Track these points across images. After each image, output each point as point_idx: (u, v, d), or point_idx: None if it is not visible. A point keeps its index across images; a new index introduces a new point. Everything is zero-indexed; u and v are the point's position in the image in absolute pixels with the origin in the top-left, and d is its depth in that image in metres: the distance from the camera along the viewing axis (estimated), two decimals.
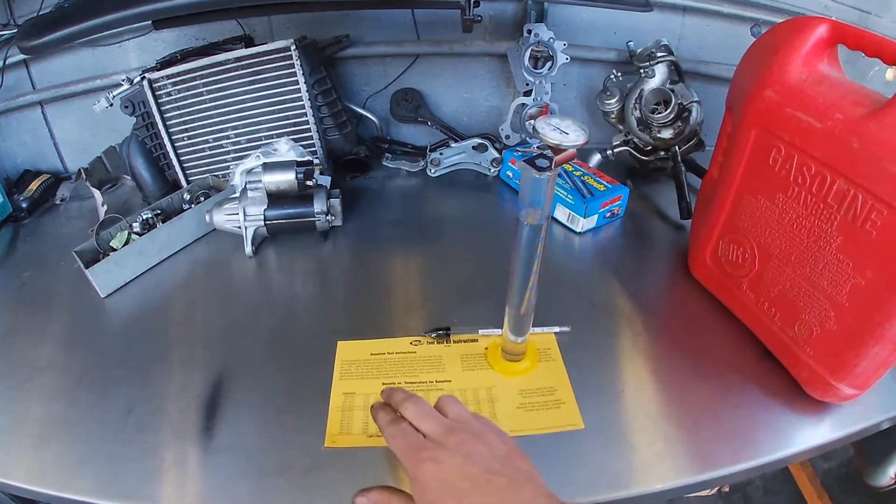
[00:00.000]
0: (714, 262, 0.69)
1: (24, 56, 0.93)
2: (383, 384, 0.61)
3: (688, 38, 0.98)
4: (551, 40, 0.93)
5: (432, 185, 0.99)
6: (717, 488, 1.30)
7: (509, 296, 0.56)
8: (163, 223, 0.80)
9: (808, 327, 0.56)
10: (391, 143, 1.07)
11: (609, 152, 0.96)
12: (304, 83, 0.87)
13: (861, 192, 0.48)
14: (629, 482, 0.51)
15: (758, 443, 0.54)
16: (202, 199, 0.87)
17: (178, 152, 0.92)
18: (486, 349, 0.64)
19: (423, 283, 0.76)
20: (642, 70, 0.89)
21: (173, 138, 0.90)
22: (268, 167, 0.79)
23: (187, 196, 0.87)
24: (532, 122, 1.00)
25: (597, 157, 0.98)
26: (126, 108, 0.87)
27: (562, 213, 0.85)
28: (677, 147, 0.89)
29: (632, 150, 0.95)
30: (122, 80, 0.86)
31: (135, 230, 0.80)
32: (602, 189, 0.84)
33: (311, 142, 0.92)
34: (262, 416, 0.57)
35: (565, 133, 0.45)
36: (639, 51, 0.90)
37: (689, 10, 0.96)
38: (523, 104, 1.00)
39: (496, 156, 0.98)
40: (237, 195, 0.81)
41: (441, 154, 1.00)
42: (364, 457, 0.53)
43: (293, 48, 0.85)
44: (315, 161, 0.83)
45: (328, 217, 0.81)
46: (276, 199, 0.80)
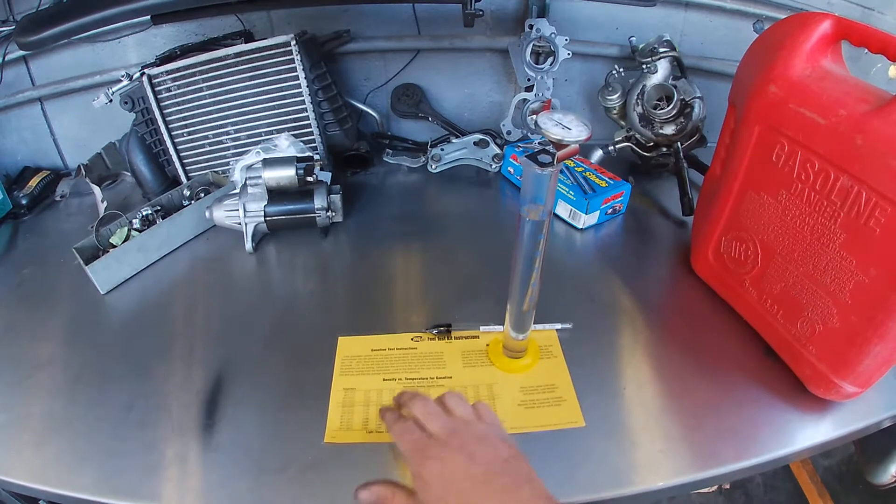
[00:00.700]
0: (716, 259, 0.69)
1: (23, 52, 0.93)
2: (384, 380, 0.60)
3: (690, 33, 0.97)
4: (553, 35, 0.93)
5: (433, 181, 0.99)
6: (718, 486, 1.30)
7: (511, 292, 0.56)
8: (163, 219, 0.80)
9: (810, 325, 0.56)
10: (392, 138, 1.06)
11: (611, 148, 0.96)
12: (305, 78, 0.87)
13: (865, 189, 0.48)
14: (631, 480, 0.51)
15: (760, 440, 0.54)
16: (202, 195, 0.87)
17: (178, 148, 0.91)
18: (488, 346, 0.64)
19: (423, 279, 0.76)
20: (644, 66, 0.88)
21: (173, 134, 0.90)
22: (268, 163, 0.78)
23: (187, 192, 0.87)
24: (534, 117, 1.00)
25: (598, 154, 0.98)
26: (125, 104, 0.86)
27: (563, 210, 0.85)
28: (679, 143, 0.88)
29: (634, 147, 0.94)
30: (122, 76, 0.85)
31: (135, 226, 0.80)
32: (604, 185, 0.84)
33: (312, 137, 0.91)
34: (262, 412, 0.57)
35: (567, 128, 0.44)
36: (641, 46, 0.90)
37: (692, 6, 0.95)
38: (525, 100, 0.99)
39: (497, 151, 0.98)
40: (237, 191, 0.81)
41: (442, 150, 0.99)
42: (364, 452, 0.53)
43: (293, 43, 0.84)
44: (315, 157, 0.83)
45: (329, 213, 0.81)
46: (276, 195, 0.80)
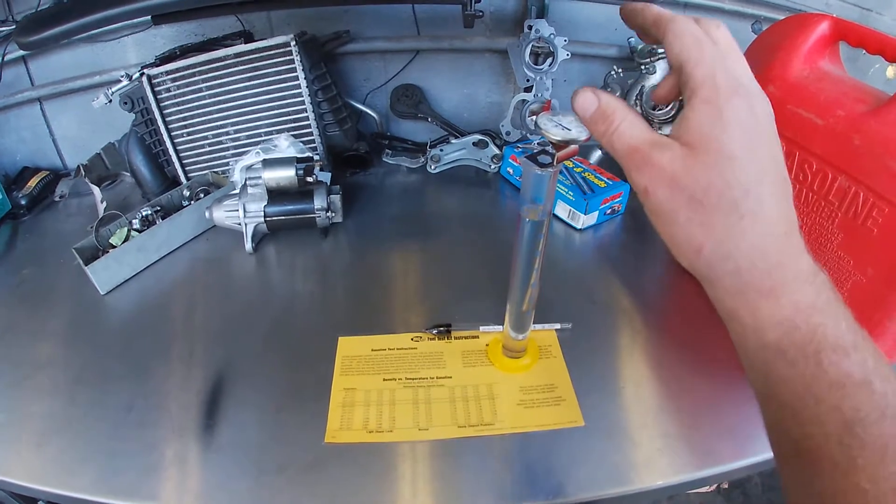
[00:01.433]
0: None
1: (22, 52, 0.93)
2: (384, 380, 0.61)
3: None
4: (552, 36, 0.93)
5: (432, 182, 0.99)
6: (716, 485, 1.30)
7: (510, 292, 0.56)
8: (162, 220, 0.80)
9: None
10: (391, 139, 1.06)
11: None
12: (304, 79, 0.87)
13: (862, 190, 0.48)
14: (630, 478, 0.51)
15: (758, 440, 0.54)
16: (202, 195, 0.87)
17: (178, 149, 0.91)
18: (487, 346, 0.64)
19: (423, 279, 0.76)
20: (643, 66, 0.88)
21: (173, 135, 0.90)
22: (268, 163, 0.78)
23: (187, 192, 0.87)
24: (533, 118, 1.00)
25: (598, 154, 0.98)
26: (125, 104, 0.86)
27: (562, 210, 0.85)
28: None
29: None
30: (121, 77, 0.85)
31: (134, 227, 0.80)
32: (603, 186, 0.84)
33: (311, 138, 0.91)
34: (262, 412, 0.57)
35: (567, 129, 0.44)
36: (640, 47, 0.90)
37: (690, 6, 0.95)
38: (524, 100, 0.99)
39: (497, 152, 0.98)
40: (237, 191, 0.81)
41: (441, 150, 0.99)
42: (365, 452, 0.53)
43: (293, 44, 0.84)
44: (315, 157, 0.83)
45: (328, 213, 0.81)
46: (276, 195, 0.80)
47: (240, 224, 0.80)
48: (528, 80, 0.97)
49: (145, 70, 0.85)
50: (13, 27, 0.88)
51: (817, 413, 0.29)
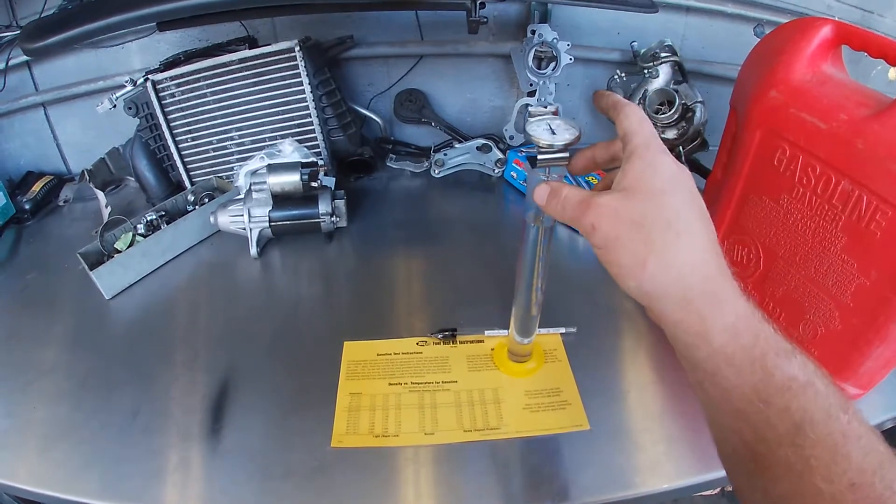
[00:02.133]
0: None
1: (26, 58, 0.93)
2: (389, 384, 0.61)
3: (691, 38, 0.98)
4: (555, 41, 0.93)
5: (436, 186, 0.99)
6: (721, 488, 1.30)
7: (516, 297, 0.56)
8: (167, 225, 0.80)
9: (812, 327, 0.56)
10: (395, 143, 1.07)
11: None
12: (308, 84, 0.87)
13: (866, 193, 0.48)
14: (634, 482, 0.51)
15: None
16: (206, 200, 0.87)
17: (182, 154, 0.92)
18: (492, 350, 0.64)
19: (428, 283, 0.76)
20: (646, 70, 0.89)
21: (177, 140, 0.90)
22: (272, 168, 0.79)
23: (191, 197, 0.87)
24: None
25: None
26: (129, 109, 0.87)
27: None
28: (681, 147, 0.89)
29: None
30: (126, 82, 0.86)
31: (139, 232, 0.80)
32: None
33: (316, 143, 0.92)
34: (267, 417, 0.57)
35: (554, 133, 0.44)
36: (642, 51, 0.90)
37: (693, 10, 0.96)
38: (527, 104, 1.00)
39: (500, 156, 0.98)
40: (241, 196, 0.81)
41: (445, 155, 1.00)
42: (371, 457, 0.53)
43: (297, 49, 0.85)
44: (319, 162, 0.83)
45: (333, 218, 0.81)
46: (280, 200, 0.80)
47: (244, 229, 0.80)
48: (531, 85, 0.98)
49: (150, 75, 0.86)
50: (17, 32, 0.88)
51: (767, 416, 0.31)
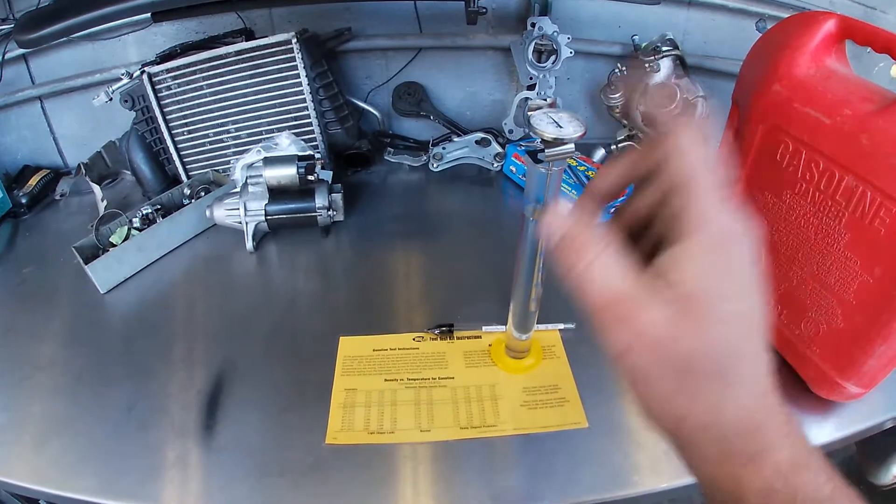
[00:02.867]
0: None
1: (23, 51, 0.93)
2: (385, 380, 0.60)
3: (693, 32, 0.97)
4: (555, 34, 0.92)
5: (435, 180, 0.98)
6: None
7: (514, 292, 0.55)
8: (163, 218, 0.80)
9: (814, 325, 0.56)
10: (393, 137, 1.06)
11: (613, 147, 0.96)
12: (306, 77, 0.86)
13: (869, 189, 0.48)
14: (633, 481, 0.51)
15: None
16: (202, 193, 0.86)
17: (179, 147, 0.91)
18: (490, 346, 0.64)
19: (425, 278, 0.76)
20: (647, 64, 0.88)
21: (173, 133, 0.90)
22: (269, 162, 0.78)
23: (187, 191, 0.87)
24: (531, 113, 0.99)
25: (601, 153, 0.98)
26: (126, 102, 0.86)
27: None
28: None
29: (636, 145, 0.94)
30: (122, 75, 0.85)
31: (135, 225, 0.80)
32: None
33: (313, 136, 0.91)
34: (263, 413, 0.57)
35: (560, 127, 0.44)
36: (644, 45, 0.89)
37: (694, 4, 0.95)
38: (527, 98, 0.99)
39: (499, 150, 0.98)
40: (238, 190, 0.81)
41: (444, 148, 0.99)
42: (366, 454, 0.53)
43: (294, 41, 0.84)
44: (316, 155, 0.83)
45: (330, 212, 0.81)
46: (277, 193, 0.79)
47: (240, 223, 0.79)
48: (531, 78, 0.97)
49: (146, 68, 0.85)
50: (13, 25, 0.87)
51: None
